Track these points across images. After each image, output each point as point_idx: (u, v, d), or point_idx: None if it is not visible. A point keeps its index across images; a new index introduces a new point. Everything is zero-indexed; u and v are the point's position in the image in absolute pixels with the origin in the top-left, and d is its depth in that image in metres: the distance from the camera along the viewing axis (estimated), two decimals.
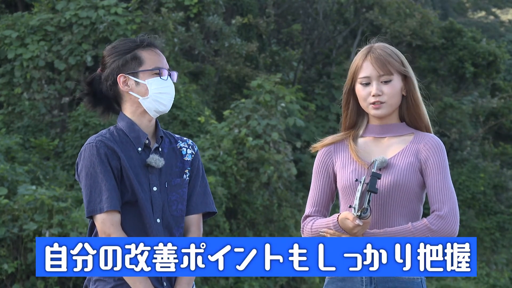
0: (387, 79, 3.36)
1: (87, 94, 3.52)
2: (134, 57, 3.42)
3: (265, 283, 14.38)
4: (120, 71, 3.42)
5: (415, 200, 3.36)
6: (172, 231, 3.42)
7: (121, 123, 3.46)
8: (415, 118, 3.42)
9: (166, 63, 3.47)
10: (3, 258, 11.35)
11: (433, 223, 3.26)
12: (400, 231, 3.27)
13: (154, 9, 17.41)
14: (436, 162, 3.34)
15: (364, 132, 3.46)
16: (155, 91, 3.41)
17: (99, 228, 3.31)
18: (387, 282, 3.29)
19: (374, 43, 3.45)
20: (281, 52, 21.45)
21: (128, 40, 3.47)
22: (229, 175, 14.41)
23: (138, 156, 3.41)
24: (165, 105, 3.42)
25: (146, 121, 3.45)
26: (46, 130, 15.86)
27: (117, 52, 3.44)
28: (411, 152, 3.36)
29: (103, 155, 3.34)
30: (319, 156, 3.50)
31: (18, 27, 16.04)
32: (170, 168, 3.46)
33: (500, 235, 21.45)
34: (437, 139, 3.38)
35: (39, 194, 11.55)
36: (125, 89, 3.43)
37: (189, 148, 3.54)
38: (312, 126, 19.85)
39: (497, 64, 23.61)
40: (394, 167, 3.33)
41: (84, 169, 3.35)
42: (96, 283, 3.37)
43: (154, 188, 3.40)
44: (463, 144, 22.73)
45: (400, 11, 22.24)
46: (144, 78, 3.41)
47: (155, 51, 3.45)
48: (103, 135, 3.40)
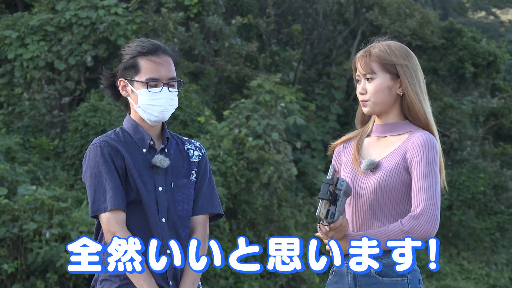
0: (370, 77, 3.36)
1: (108, 86, 3.52)
2: (133, 64, 3.41)
3: (265, 283, 14.38)
4: (121, 75, 3.45)
5: (403, 200, 3.32)
6: (178, 231, 3.42)
7: (127, 124, 3.48)
8: (412, 116, 3.39)
9: (168, 73, 3.43)
10: (3, 258, 11.34)
11: (404, 224, 3.23)
12: (377, 233, 3.26)
13: (154, 9, 17.41)
14: (420, 161, 3.29)
15: (372, 131, 3.46)
16: (144, 103, 3.40)
17: (104, 227, 3.32)
18: (370, 285, 3.28)
19: (379, 42, 3.45)
20: (281, 52, 21.45)
21: (137, 43, 3.45)
22: (229, 175, 14.41)
23: (143, 157, 3.42)
24: (156, 116, 3.42)
25: (148, 125, 3.47)
26: (46, 130, 15.86)
27: (125, 54, 3.45)
28: (399, 152, 3.34)
29: (107, 154, 3.35)
30: (333, 155, 3.54)
31: (18, 27, 16.04)
32: (177, 168, 3.47)
33: (500, 235, 21.45)
34: (426, 137, 3.32)
35: (39, 194, 11.55)
36: (123, 94, 3.46)
37: (197, 150, 3.55)
38: (312, 126, 19.84)
39: (497, 64, 23.60)
40: (381, 168, 3.32)
41: (89, 169, 3.37)
42: (102, 283, 3.38)
43: (159, 188, 3.41)
44: (463, 144, 22.72)
45: (400, 11, 22.24)
46: (137, 87, 3.42)
47: (154, 60, 3.41)
48: (108, 136, 3.43)
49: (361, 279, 3.29)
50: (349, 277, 3.31)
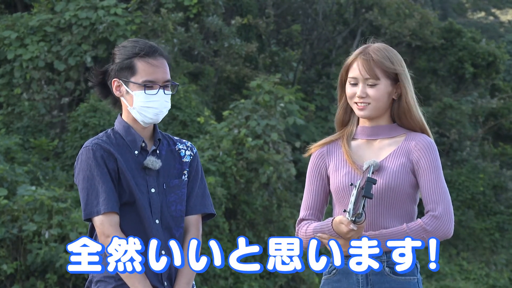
0: (373, 83, 3.35)
1: (98, 84, 3.51)
2: (129, 65, 3.40)
3: (264, 283, 14.38)
4: (116, 75, 3.43)
5: (408, 201, 3.35)
6: (172, 231, 3.42)
7: (118, 126, 3.47)
8: (407, 121, 3.40)
9: (164, 75, 3.41)
10: (3, 259, 11.34)
11: (428, 224, 3.26)
12: (395, 232, 3.26)
13: (153, 10, 17.40)
14: (428, 162, 3.32)
15: (356, 134, 3.45)
16: (140, 104, 3.39)
17: (98, 230, 3.32)
18: (384, 283, 3.29)
19: (373, 43, 3.44)
20: (280, 53, 21.45)
21: (133, 44, 3.44)
22: (228, 175, 14.41)
23: (135, 159, 3.41)
24: (151, 118, 3.41)
25: (140, 127, 3.46)
26: (46, 130, 15.86)
27: (120, 54, 3.45)
28: (402, 153, 3.35)
29: (100, 157, 3.35)
30: (312, 158, 3.51)
31: (18, 28, 16.04)
32: (168, 169, 3.47)
33: (500, 236, 21.45)
34: (428, 139, 3.36)
35: (38, 194, 11.55)
36: (117, 94, 3.45)
37: (188, 150, 3.54)
38: (312, 126, 19.85)
39: (497, 64, 23.61)
40: (386, 169, 3.32)
41: (81, 172, 3.36)
42: (97, 284, 3.38)
43: (152, 189, 3.41)
44: (463, 145, 22.71)
45: (400, 11, 22.23)
46: (133, 88, 3.40)
47: (151, 62, 3.39)
48: (100, 138, 3.41)
49: (373, 278, 3.29)
50: (360, 275, 3.30)
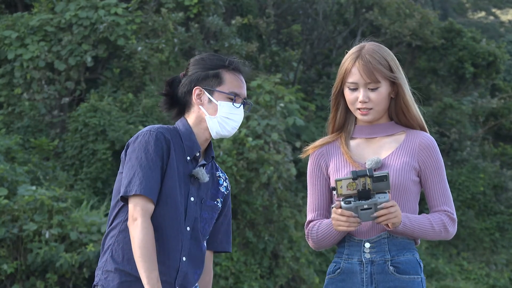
0: (374, 86, 3.34)
1: (166, 95, 3.50)
2: (216, 75, 3.41)
3: (264, 283, 14.38)
4: (198, 83, 3.42)
5: (412, 199, 3.35)
6: (200, 244, 3.45)
7: (181, 127, 3.45)
8: (406, 119, 3.40)
9: (245, 92, 3.47)
10: (3, 259, 11.35)
11: (449, 224, 3.33)
12: (421, 222, 3.31)
13: (154, 10, 17.41)
14: (434, 163, 3.34)
15: (354, 133, 3.45)
16: (223, 114, 3.40)
17: (130, 211, 3.28)
18: (388, 282, 3.29)
19: (366, 42, 3.43)
20: (281, 53, 21.44)
21: (218, 57, 3.45)
22: (228, 175, 14.42)
23: (184, 164, 3.41)
24: (228, 130, 3.43)
25: (204, 138, 3.46)
26: (46, 130, 15.86)
27: (202, 65, 3.44)
28: (405, 151, 3.35)
29: (160, 146, 3.32)
30: (311, 159, 3.49)
31: (18, 28, 16.04)
32: (208, 189, 3.48)
33: (500, 236, 21.45)
34: (430, 138, 3.37)
35: (39, 194, 11.55)
36: (196, 102, 3.43)
37: (225, 181, 3.58)
38: (312, 126, 19.85)
39: (497, 64, 23.60)
40: (389, 167, 3.32)
41: (137, 151, 3.32)
42: (106, 273, 3.36)
43: (191, 198, 3.41)
44: (463, 145, 22.71)
45: (400, 11, 22.23)
46: (218, 98, 3.40)
47: (238, 76, 3.44)
48: (166, 129, 3.39)
49: (378, 277, 3.28)
50: (365, 274, 3.30)
